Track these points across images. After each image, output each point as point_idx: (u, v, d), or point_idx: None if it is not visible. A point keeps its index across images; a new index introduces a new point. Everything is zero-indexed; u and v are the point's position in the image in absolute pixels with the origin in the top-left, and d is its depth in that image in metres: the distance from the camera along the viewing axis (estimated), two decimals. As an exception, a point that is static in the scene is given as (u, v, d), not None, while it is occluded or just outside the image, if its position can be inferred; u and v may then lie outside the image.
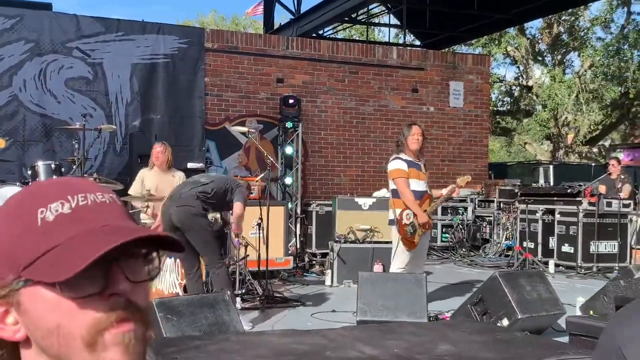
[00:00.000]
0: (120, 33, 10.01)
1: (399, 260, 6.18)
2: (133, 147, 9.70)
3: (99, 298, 0.72)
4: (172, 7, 65.47)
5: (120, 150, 9.93)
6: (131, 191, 7.35)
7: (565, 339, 4.31)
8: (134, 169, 8.08)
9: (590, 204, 9.31)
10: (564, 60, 25.14)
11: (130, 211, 7.09)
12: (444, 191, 6.34)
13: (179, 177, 7.44)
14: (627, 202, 9.64)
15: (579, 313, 5.39)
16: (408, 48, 13.38)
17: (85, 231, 0.72)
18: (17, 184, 7.12)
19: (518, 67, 25.16)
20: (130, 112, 10.03)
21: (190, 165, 9.66)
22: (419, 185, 6.13)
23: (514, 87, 25.87)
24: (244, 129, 8.34)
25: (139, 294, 0.75)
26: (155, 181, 7.29)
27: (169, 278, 6.29)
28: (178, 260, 6.31)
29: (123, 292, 0.73)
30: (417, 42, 17.40)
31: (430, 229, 6.28)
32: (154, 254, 0.77)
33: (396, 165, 6.15)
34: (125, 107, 10.01)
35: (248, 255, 7.04)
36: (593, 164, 17.73)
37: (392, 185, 6.26)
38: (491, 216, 11.59)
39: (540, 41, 25.23)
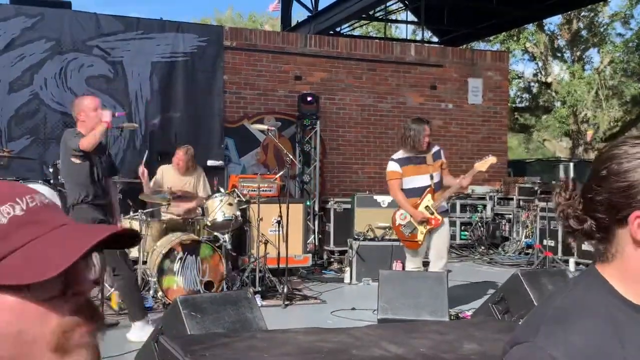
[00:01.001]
0: (139, 31, 10.07)
1: (409, 262, 6.15)
2: (153, 145, 9.77)
3: (62, 299, 0.70)
4: (188, 4, 65.67)
5: (140, 149, 9.99)
6: (152, 183, 7.40)
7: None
8: (153, 166, 8.13)
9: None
10: (583, 57, 24.93)
11: (152, 208, 7.15)
12: (455, 181, 6.19)
13: (198, 174, 7.50)
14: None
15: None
16: (426, 45, 13.34)
17: (49, 231, 0.71)
18: (40, 182, 7.21)
19: (537, 63, 25.00)
20: (150, 110, 10.09)
21: (210, 162, 9.73)
22: (419, 180, 6.04)
23: (532, 84, 25.71)
24: (263, 127, 8.37)
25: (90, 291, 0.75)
26: (174, 180, 7.35)
27: (190, 275, 6.33)
28: (199, 258, 6.36)
29: (84, 291, 0.73)
30: (435, 39, 17.33)
31: (438, 225, 5.99)
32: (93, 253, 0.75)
33: (389, 167, 6.17)
34: (145, 106, 10.07)
35: (268, 252, 7.07)
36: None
37: None
38: (510, 214, 11.54)
39: (559, 37, 25.03)
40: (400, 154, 6.12)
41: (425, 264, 6.25)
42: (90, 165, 5.06)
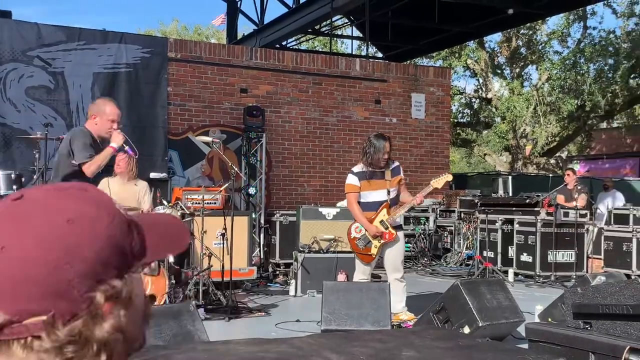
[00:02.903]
0: (81, 42, 9.92)
1: (358, 272, 6.24)
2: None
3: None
4: (132, 16, 64.92)
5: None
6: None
7: (524, 346, 4.41)
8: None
9: (548, 214, 9.53)
10: (522, 74, 25.68)
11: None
12: (409, 198, 6.35)
13: (141, 186, 7.40)
14: (583, 212, 9.89)
15: (537, 320, 5.52)
16: (371, 60, 13.54)
17: (151, 220, 0.83)
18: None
19: (478, 79, 25.62)
20: (91, 121, 9.91)
21: (152, 175, 9.61)
22: (375, 195, 6.13)
23: (473, 100, 26.32)
24: (208, 139, 8.33)
25: None
26: (117, 190, 7.24)
27: (132, 289, 6.23)
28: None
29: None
30: (380, 54, 17.61)
31: (392, 239, 6.10)
32: None
33: (348, 180, 6.22)
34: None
35: (212, 265, 7.03)
36: (550, 175, 18.12)
37: None
38: (452, 226, 11.78)
39: (499, 54, 25.74)
40: (360, 167, 6.20)
41: (374, 276, 6.35)
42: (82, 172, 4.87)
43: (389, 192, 6.16)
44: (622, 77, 21.83)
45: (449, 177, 6.35)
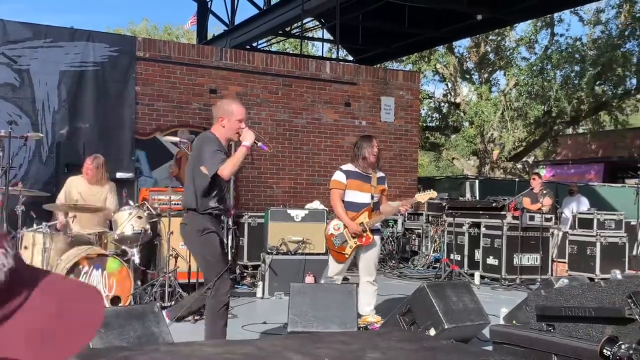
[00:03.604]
0: (48, 39, 9.77)
1: (330, 269, 6.24)
2: (60, 156, 9.46)
3: None
4: (102, 15, 64.18)
5: (47, 160, 9.66)
6: (57, 201, 7.19)
7: (489, 348, 4.45)
8: (60, 178, 7.88)
9: (514, 217, 9.65)
10: (491, 79, 25.98)
11: (57, 221, 6.92)
12: (391, 205, 6.38)
13: (108, 187, 7.30)
14: (548, 216, 10.03)
15: (502, 323, 5.57)
16: (341, 63, 13.57)
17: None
18: None
19: (447, 84, 25.86)
20: (57, 120, 9.78)
21: (119, 175, 9.49)
22: (360, 197, 6.12)
23: (442, 104, 26.55)
24: (176, 139, 8.26)
25: None
26: (83, 190, 7.14)
27: (96, 290, 6.14)
28: (105, 272, 6.19)
29: None
30: (350, 57, 17.67)
31: (369, 243, 6.10)
32: None
33: (335, 176, 6.21)
34: (52, 115, 9.75)
35: (178, 267, 6.96)
36: (517, 179, 18.36)
37: None
38: (420, 229, 11.86)
39: (468, 60, 26.01)
40: (349, 167, 6.20)
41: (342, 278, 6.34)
42: (217, 176, 4.66)
43: (372, 197, 6.17)
44: (587, 84, 22.23)
45: (434, 194, 6.40)
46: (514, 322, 5.29)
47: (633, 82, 23.50)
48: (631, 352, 2.81)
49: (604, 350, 2.90)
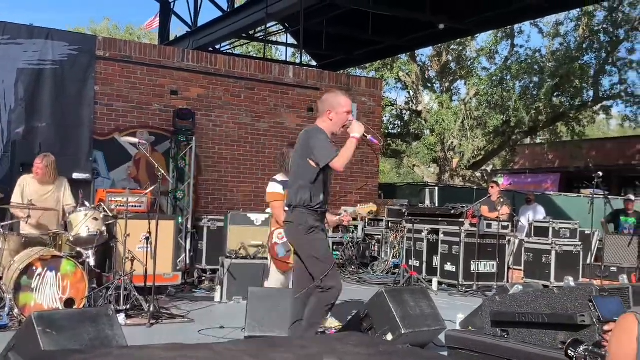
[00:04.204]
0: (6, 36, 9.56)
1: (272, 280, 6.17)
2: (15, 156, 9.26)
3: None
4: (62, 14, 63.05)
5: (2, 158, 9.44)
6: (13, 200, 7.03)
7: (444, 353, 4.49)
8: (15, 178, 7.70)
9: (471, 225, 9.76)
10: (452, 88, 26.30)
11: (11, 221, 6.76)
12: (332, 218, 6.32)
13: (59, 184, 7.17)
14: (505, 224, 10.18)
15: (458, 328, 5.63)
16: (304, 68, 13.58)
17: None
18: None
19: (409, 92, 26.07)
20: (13, 119, 9.57)
21: (75, 175, 9.35)
22: None
23: (404, 112, 26.77)
24: (134, 140, 8.15)
25: None
26: (37, 190, 7.00)
27: (49, 292, 6.02)
28: (59, 274, 6.06)
29: None
30: (314, 63, 17.70)
31: None
32: None
33: (271, 188, 6.11)
34: (8, 114, 9.54)
35: (134, 270, 6.86)
36: (475, 187, 18.60)
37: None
38: (380, 235, 11.92)
39: (430, 68, 26.29)
40: (282, 177, 6.09)
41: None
42: (324, 170, 4.58)
43: None
44: (546, 95, 22.66)
45: (374, 208, 6.34)
46: (470, 328, 5.34)
47: (590, 94, 24.06)
48: (587, 353, 2.88)
49: (569, 351, 2.98)
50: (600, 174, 9.79)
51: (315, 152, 4.50)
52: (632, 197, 12.04)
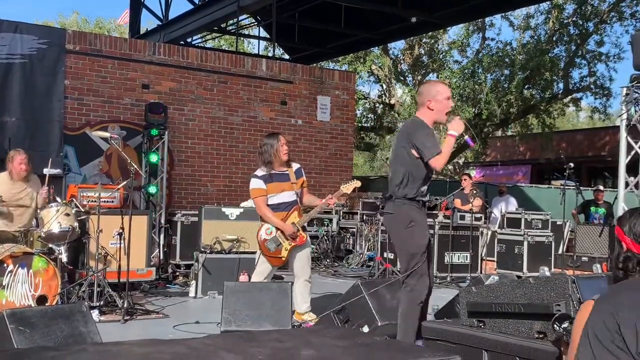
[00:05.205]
0: (-28, 30, 9.37)
1: (258, 272, 6.15)
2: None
3: None
4: (30, 6, 62.00)
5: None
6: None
7: (420, 344, 4.50)
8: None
9: (445, 217, 9.83)
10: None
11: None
12: (317, 201, 6.31)
13: (33, 182, 7.05)
14: (478, 215, 10.27)
15: (433, 319, 5.65)
16: (277, 61, 13.52)
17: None
18: None
19: (382, 85, 26.14)
20: (-19, 113, 9.39)
21: (46, 171, 9.15)
22: (284, 197, 6.05)
23: (377, 105, 26.83)
24: (106, 135, 8.04)
25: None
26: (10, 187, 6.86)
27: (20, 289, 5.92)
28: (31, 271, 5.97)
29: None
30: (286, 56, 17.64)
31: (303, 242, 6.07)
32: None
33: (253, 184, 6.08)
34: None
35: (107, 266, 6.78)
36: (448, 180, 18.72)
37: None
38: (355, 228, 11.94)
39: (402, 62, 26.37)
40: (262, 171, 6.05)
41: (276, 277, 6.29)
42: (424, 162, 4.46)
43: (297, 194, 6.12)
44: (517, 88, 22.86)
45: (358, 184, 6.36)
46: (445, 319, 5.37)
47: (560, 86, 24.33)
48: (565, 332, 2.94)
49: (555, 325, 3.05)
50: (572, 165, 9.92)
51: (418, 145, 4.44)
52: (601, 187, 12.22)
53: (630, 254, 2.23)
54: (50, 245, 6.43)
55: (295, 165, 6.23)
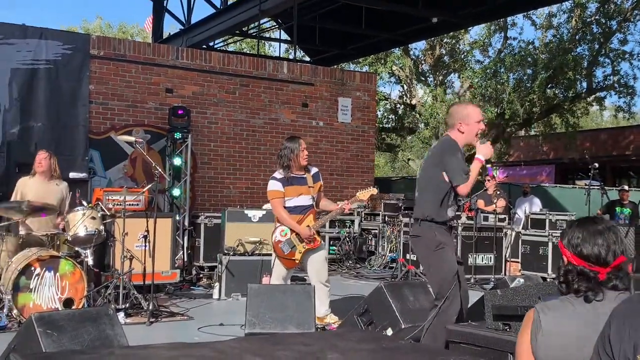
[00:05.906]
0: (-1, 36, 9.53)
1: (275, 276, 6.17)
2: (11, 156, 9.24)
3: None
4: (54, 12, 62.80)
5: (-3, 158, 9.42)
6: (14, 197, 6.99)
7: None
8: (11, 178, 7.68)
9: (468, 218, 9.78)
10: (445, 81, 26.30)
11: (8, 222, 6.73)
12: (333, 206, 6.33)
13: (62, 187, 7.15)
14: (502, 216, 10.20)
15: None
16: (298, 63, 13.56)
17: None
18: None
19: (402, 86, 26.06)
20: (8, 119, 9.54)
21: (72, 175, 9.31)
22: (301, 200, 6.07)
23: (398, 105, 26.76)
24: (131, 139, 8.12)
25: None
26: (37, 190, 6.96)
27: (47, 292, 6.01)
28: (58, 274, 6.05)
29: None
30: (307, 58, 17.67)
31: (317, 245, 6.08)
32: None
33: (271, 186, 6.11)
34: (3, 114, 9.50)
35: (133, 268, 6.85)
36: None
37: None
38: (376, 229, 11.92)
39: (423, 62, 26.28)
40: (281, 174, 6.09)
41: (300, 279, 6.30)
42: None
43: (313, 198, 6.15)
44: (539, 87, 22.67)
45: (374, 191, 6.35)
46: (470, 321, 5.35)
47: (583, 85, 24.07)
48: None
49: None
50: (596, 165, 9.82)
51: (448, 170, 4.45)
52: (626, 187, 12.08)
53: (571, 266, 2.18)
54: (76, 249, 6.52)
55: (313, 169, 6.25)
